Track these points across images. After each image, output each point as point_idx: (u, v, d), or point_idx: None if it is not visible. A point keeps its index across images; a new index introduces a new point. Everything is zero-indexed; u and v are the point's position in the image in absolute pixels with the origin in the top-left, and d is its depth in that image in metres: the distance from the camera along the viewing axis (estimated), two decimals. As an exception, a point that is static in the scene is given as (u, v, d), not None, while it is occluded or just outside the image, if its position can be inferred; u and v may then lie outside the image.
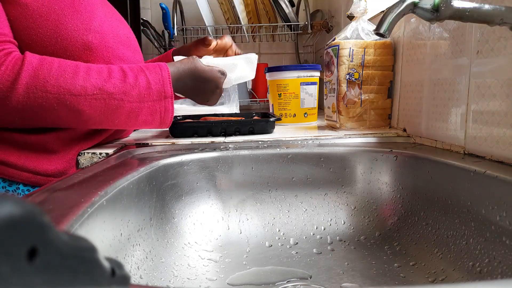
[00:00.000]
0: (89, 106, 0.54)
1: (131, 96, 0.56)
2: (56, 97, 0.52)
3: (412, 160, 0.57)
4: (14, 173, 0.57)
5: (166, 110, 0.60)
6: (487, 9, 0.40)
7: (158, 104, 0.59)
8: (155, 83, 0.58)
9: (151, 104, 0.58)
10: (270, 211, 0.61)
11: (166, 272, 0.47)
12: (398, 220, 0.56)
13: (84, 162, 0.61)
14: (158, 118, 0.60)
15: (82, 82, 0.53)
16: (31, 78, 0.50)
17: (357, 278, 0.47)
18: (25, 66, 0.50)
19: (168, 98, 0.59)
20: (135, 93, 0.57)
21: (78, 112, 0.54)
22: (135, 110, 0.58)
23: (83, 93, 0.53)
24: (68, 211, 0.32)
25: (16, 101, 0.50)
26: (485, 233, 0.41)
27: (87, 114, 0.55)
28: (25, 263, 0.12)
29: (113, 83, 0.55)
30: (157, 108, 0.59)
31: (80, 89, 0.53)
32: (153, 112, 0.59)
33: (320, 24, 1.35)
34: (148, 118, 0.60)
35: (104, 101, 0.55)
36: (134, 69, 0.58)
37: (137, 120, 0.59)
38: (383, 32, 0.43)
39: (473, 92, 0.51)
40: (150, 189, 0.52)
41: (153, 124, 0.61)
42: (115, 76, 0.56)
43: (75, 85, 0.53)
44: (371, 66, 0.75)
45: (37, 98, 0.51)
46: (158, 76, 0.59)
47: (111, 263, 0.17)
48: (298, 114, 0.94)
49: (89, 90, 0.54)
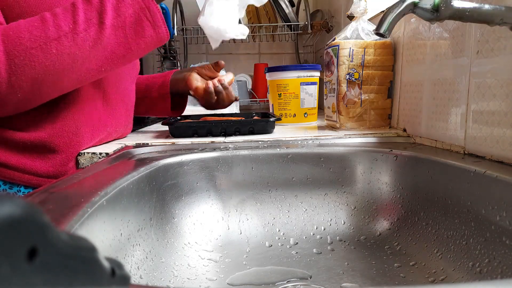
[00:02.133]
0: (74, 44, 0.49)
1: (107, 12, 0.50)
2: (40, 50, 0.47)
3: (412, 160, 0.57)
4: (15, 175, 0.57)
5: (150, 11, 0.53)
6: (487, 9, 0.40)
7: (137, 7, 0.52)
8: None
9: (130, 11, 0.52)
10: (270, 211, 0.61)
11: (166, 272, 0.47)
12: (398, 220, 0.56)
13: (84, 162, 0.61)
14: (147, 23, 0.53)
15: (53, 23, 0.48)
16: (5, 43, 0.46)
17: (357, 278, 0.47)
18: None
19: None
20: (108, 7, 0.51)
21: (69, 56, 0.49)
22: (119, 26, 0.51)
23: (62, 33, 0.48)
24: (68, 211, 0.32)
25: (5, 74, 0.46)
26: (485, 233, 0.41)
27: (80, 55, 0.50)
28: (25, 263, 0.12)
29: (82, 9, 0.50)
30: (138, 13, 0.53)
31: (56, 30, 0.48)
32: (137, 20, 0.53)
33: (320, 24, 1.35)
34: (138, 29, 0.53)
35: (86, 32, 0.49)
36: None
37: (127, 37, 0.53)
38: (383, 32, 0.43)
39: (473, 92, 0.51)
40: (150, 189, 0.52)
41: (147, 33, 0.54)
42: (79, 2, 0.51)
43: (48, 28, 0.48)
44: (371, 66, 0.75)
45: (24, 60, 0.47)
46: None
47: (111, 263, 0.17)
48: (298, 114, 0.94)
49: (65, 27, 0.48)
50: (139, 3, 0.52)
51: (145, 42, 0.55)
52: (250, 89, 1.59)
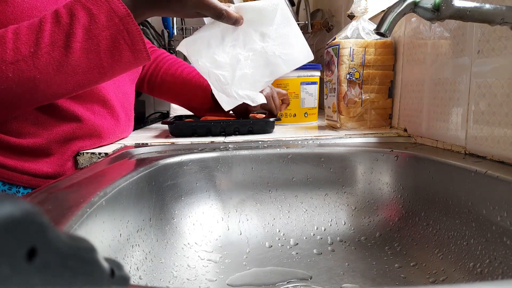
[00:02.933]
0: (35, 68, 0.46)
1: (76, 35, 0.46)
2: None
3: (413, 160, 0.56)
4: (13, 176, 0.57)
5: (128, 31, 0.48)
6: (488, 8, 0.40)
7: (114, 28, 0.48)
8: (97, 7, 0.48)
9: (106, 33, 0.47)
10: (270, 212, 0.61)
11: (166, 272, 0.46)
12: (398, 221, 0.56)
13: (83, 162, 0.61)
14: (125, 46, 0.49)
15: (13, 45, 0.45)
16: None
17: (357, 279, 0.47)
18: None
19: (124, 17, 0.48)
20: (78, 29, 0.47)
21: (28, 80, 0.46)
22: (91, 49, 0.47)
23: (20, 56, 0.45)
24: (67, 211, 0.32)
25: None
26: (486, 234, 0.41)
27: (42, 79, 0.47)
28: (24, 263, 0.12)
29: (48, 30, 0.46)
30: (115, 34, 0.48)
31: (15, 53, 0.45)
32: (114, 42, 0.48)
33: (320, 24, 1.35)
34: (115, 52, 0.49)
35: (49, 55, 0.46)
36: (68, 4, 0.48)
37: (101, 61, 0.49)
38: (384, 32, 0.43)
39: (474, 92, 0.51)
40: (150, 189, 0.52)
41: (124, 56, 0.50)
42: (47, 22, 0.47)
43: (5, 51, 0.45)
44: (372, 66, 0.74)
45: None
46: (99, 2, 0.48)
47: (111, 263, 0.17)
48: (298, 114, 0.94)
49: (25, 51, 0.45)
50: (117, 25, 0.48)
51: (123, 66, 0.51)
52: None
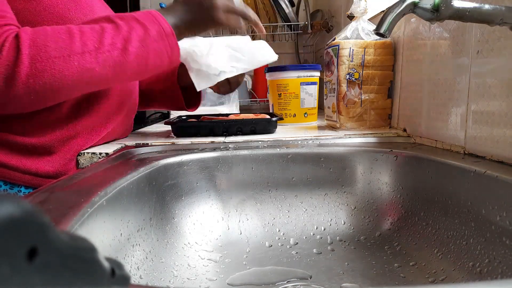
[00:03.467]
0: (96, 62, 0.52)
1: (132, 42, 0.54)
2: (62, 60, 0.50)
3: (412, 160, 0.57)
4: (15, 176, 0.57)
5: (172, 48, 0.58)
6: (487, 9, 0.40)
7: (162, 44, 0.57)
8: (150, 24, 0.56)
9: (155, 45, 0.56)
10: (270, 211, 0.61)
11: (166, 272, 0.47)
12: (398, 220, 0.56)
13: (84, 162, 0.61)
14: (166, 59, 0.58)
15: (80, 39, 0.51)
16: (31, 48, 0.48)
17: (357, 278, 0.47)
18: (21, 39, 0.49)
19: (170, 36, 0.57)
20: (134, 37, 0.54)
21: (89, 71, 0.52)
22: (142, 55, 0.55)
23: (86, 49, 0.51)
24: (68, 211, 0.32)
25: (25, 75, 0.48)
26: (485, 233, 0.41)
27: (98, 72, 0.52)
28: (25, 263, 0.12)
29: (109, 33, 0.53)
30: (162, 49, 0.57)
31: (82, 46, 0.51)
32: (160, 54, 0.57)
33: (320, 24, 1.35)
34: (157, 62, 0.58)
35: (110, 53, 0.53)
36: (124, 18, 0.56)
37: (147, 66, 0.57)
38: (383, 32, 0.43)
39: (473, 92, 0.51)
40: (150, 189, 0.52)
41: (163, 66, 0.60)
42: (108, 28, 0.53)
43: (75, 43, 0.50)
44: (371, 66, 0.75)
45: (45, 67, 0.49)
46: (150, 17, 0.57)
47: (111, 263, 0.17)
48: (298, 114, 0.94)
49: (90, 45, 0.51)
50: (164, 40, 0.57)
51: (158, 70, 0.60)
52: (250, 89, 1.59)
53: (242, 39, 0.73)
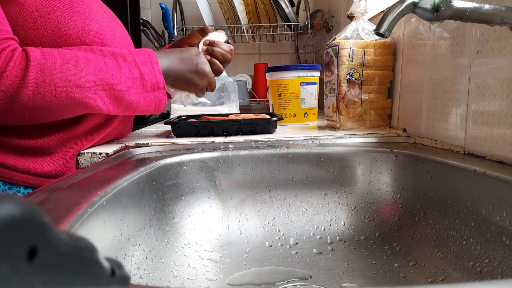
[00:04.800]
0: (94, 97, 0.55)
1: (129, 87, 0.58)
2: (64, 90, 0.52)
3: (412, 160, 0.57)
4: (14, 176, 0.57)
5: (160, 101, 0.62)
6: (487, 9, 0.40)
7: (153, 94, 0.61)
8: (148, 75, 0.60)
9: (147, 95, 0.60)
10: (270, 211, 0.61)
11: (166, 272, 0.47)
12: (398, 220, 0.56)
13: (84, 162, 0.61)
14: (153, 108, 0.63)
15: (85, 74, 0.54)
16: (38, 73, 0.50)
17: (357, 278, 0.47)
18: (31, 61, 0.50)
19: (161, 89, 0.62)
20: (130, 84, 0.58)
21: (85, 104, 0.55)
22: (134, 101, 0.59)
23: (88, 84, 0.54)
24: (68, 211, 0.32)
25: (26, 98, 0.50)
26: (485, 233, 0.41)
27: (94, 106, 0.55)
28: (25, 263, 0.12)
29: (111, 74, 0.56)
30: (152, 99, 0.61)
31: (85, 81, 0.54)
32: (149, 103, 0.61)
33: (320, 24, 1.35)
34: (145, 109, 0.62)
35: (106, 92, 0.56)
36: (127, 59, 0.59)
37: (135, 111, 0.62)
38: (383, 32, 0.43)
39: (473, 92, 0.51)
40: (150, 189, 0.52)
41: (149, 112, 0.64)
42: (111, 67, 0.57)
43: (79, 77, 0.53)
44: (371, 66, 0.75)
45: (46, 93, 0.51)
46: (149, 68, 0.61)
47: (111, 263, 0.17)
48: (298, 114, 0.94)
49: (92, 82, 0.54)
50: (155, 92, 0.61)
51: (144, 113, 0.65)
52: (250, 89, 1.59)
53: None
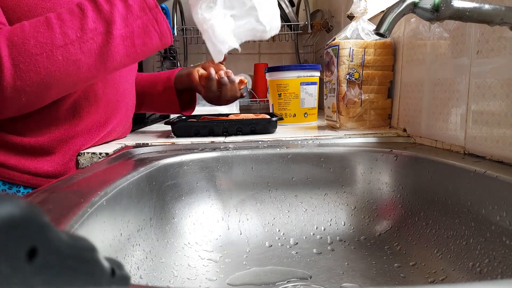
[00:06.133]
0: (81, 51, 0.49)
1: (116, 23, 0.51)
2: (45, 56, 0.47)
3: (412, 160, 0.57)
4: (14, 175, 0.57)
5: (157, 21, 0.54)
6: (487, 9, 0.40)
7: (146, 18, 0.53)
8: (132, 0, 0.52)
9: (139, 22, 0.52)
10: (270, 211, 0.61)
11: (166, 272, 0.47)
12: (398, 220, 0.56)
13: (84, 162, 0.61)
14: (155, 35, 0.55)
15: (60, 30, 0.48)
16: (10, 48, 0.46)
17: (357, 278, 0.47)
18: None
19: (153, 8, 0.53)
20: (117, 18, 0.51)
21: (74, 62, 0.49)
22: (127, 36, 0.52)
23: (68, 40, 0.48)
24: (68, 211, 0.32)
25: (11, 78, 0.47)
26: (485, 233, 0.41)
27: (85, 62, 0.50)
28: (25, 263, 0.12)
29: (91, 17, 0.50)
30: (147, 25, 0.53)
31: (63, 37, 0.48)
32: (145, 30, 0.53)
33: (320, 24, 1.35)
34: (146, 40, 0.54)
35: (93, 40, 0.50)
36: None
37: (135, 47, 0.54)
38: (383, 32, 0.43)
39: (473, 92, 0.51)
40: (150, 189, 0.52)
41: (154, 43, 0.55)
42: (88, 9, 0.50)
43: (55, 35, 0.48)
44: (371, 66, 0.75)
45: (28, 66, 0.47)
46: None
47: (111, 263, 0.17)
48: (298, 114, 0.94)
49: (72, 35, 0.49)
50: (147, 14, 0.53)
51: (151, 50, 0.56)
52: (250, 89, 1.59)
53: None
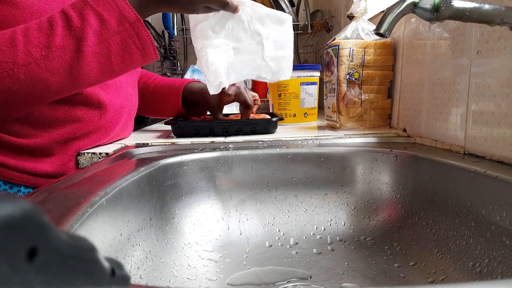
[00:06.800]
0: (46, 70, 0.46)
1: (87, 40, 0.47)
2: (5, 75, 0.45)
3: (412, 160, 0.57)
4: (14, 175, 0.57)
5: (139, 37, 0.50)
6: (487, 9, 0.40)
7: (125, 34, 0.49)
8: (108, 13, 0.49)
9: (117, 38, 0.49)
10: (270, 211, 0.61)
11: (166, 272, 0.47)
12: (398, 220, 0.56)
13: (84, 162, 0.61)
14: (136, 51, 0.51)
15: (24, 48, 0.46)
16: None
17: (357, 278, 0.47)
18: None
19: (134, 22, 0.50)
20: (89, 34, 0.47)
21: (39, 81, 0.47)
22: (102, 53, 0.49)
23: (32, 59, 0.46)
24: (68, 211, 0.32)
25: None
26: (485, 233, 0.41)
27: (53, 80, 0.47)
28: (25, 263, 0.12)
29: (60, 34, 0.47)
30: (127, 40, 0.49)
31: (26, 56, 0.46)
32: (125, 47, 0.49)
33: (320, 24, 1.35)
34: (126, 56, 0.50)
35: (61, 58, 0.47)
36: (77, 7, 0.49)
37: (112, 64, 0.50)
38: (383, 32, 0.43)
39: (473, 92, 0.51)
40: (150, 189, 0.52)
41: (135, 59, 0.52)
42: (58, 25, 0.47)
43: (17, 53, 0.45)
44: (371, 66, 0.75)
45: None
46: (109, 3, 0.49)
47: (111, 263, 0.17)
48: (298, 114, 0.94)
49: (36, 53, 0.46)
50: (127, 30, 0.49)
51: (132, 66, 0.53)
52: (250, 89, 1.59)
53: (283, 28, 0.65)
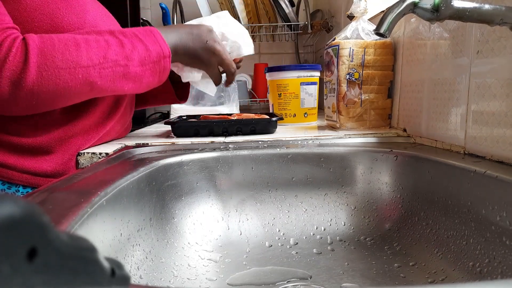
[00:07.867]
0: (99, 76, 0.54)
1: (133, 61, 0.58)
2: (68, 71, 0.52)
3: (412, 160, 0.57)
4: (13, 175, 0.57)
5: (164, 69, 0.62)
6: (487, 9, 0.40)
7: (158, 64, 0.61)
8: (151, 45, 0.60)
9: (152, 66, 0.60)
10: (270, 211, 0.61)
11: (166, 272, 0.47)
12: (398, 220, 0.56)
13: (84, 162, 0.61)
14: (157, 78, 0.62)
15: (86, 53, 0.53)
16: (39, 57, 0.50)
17: (357, 278, 0.47)
18: (29, 46, 0.50)
19: (167, 57, 0.61)
20: (136, 57, 0.58)
21: (90, 84, 0.54)
22: (139, 74, 0.59)
23: (91, 63, 0.54)
24: (68, 211, 0.32)
25: (31, 82, 0.50)
26: (485, 233, 0.41)
27: (99, 85, 0.55)
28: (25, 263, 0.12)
29: (114, 50, 0.56)
30: (156, 69, 0.61)
31: (87, 60, 0.53)
32: (153, 73, 0.61)
33: (320, 24, 1.35)
34: (150, 80, 0.61)
35: (111, 69, 0.56)
36: (127, 34, 0.59)
37: (141, 84, 0.61)
38: (383, 32, 0.43)
39: (473, 92, 0.51)
40: (150, 189, 0.52)
41: (153, 84, 0.64)
42: (113, 44, 0.56)
43: (81, 56, 0.53)
44: (371, 66, 0.75)
45: (50, 76, 0.51)
46: (152, 39, 0.61)
47: (111, 263, 0.17)
48: (298, 114, 0.94)
49: (95, 60, 0.54)
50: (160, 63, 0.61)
51: (150, 86, 0.64)
52: (250, 89, 1.59)
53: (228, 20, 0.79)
